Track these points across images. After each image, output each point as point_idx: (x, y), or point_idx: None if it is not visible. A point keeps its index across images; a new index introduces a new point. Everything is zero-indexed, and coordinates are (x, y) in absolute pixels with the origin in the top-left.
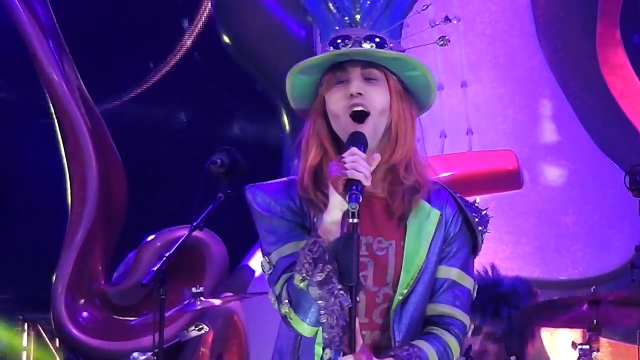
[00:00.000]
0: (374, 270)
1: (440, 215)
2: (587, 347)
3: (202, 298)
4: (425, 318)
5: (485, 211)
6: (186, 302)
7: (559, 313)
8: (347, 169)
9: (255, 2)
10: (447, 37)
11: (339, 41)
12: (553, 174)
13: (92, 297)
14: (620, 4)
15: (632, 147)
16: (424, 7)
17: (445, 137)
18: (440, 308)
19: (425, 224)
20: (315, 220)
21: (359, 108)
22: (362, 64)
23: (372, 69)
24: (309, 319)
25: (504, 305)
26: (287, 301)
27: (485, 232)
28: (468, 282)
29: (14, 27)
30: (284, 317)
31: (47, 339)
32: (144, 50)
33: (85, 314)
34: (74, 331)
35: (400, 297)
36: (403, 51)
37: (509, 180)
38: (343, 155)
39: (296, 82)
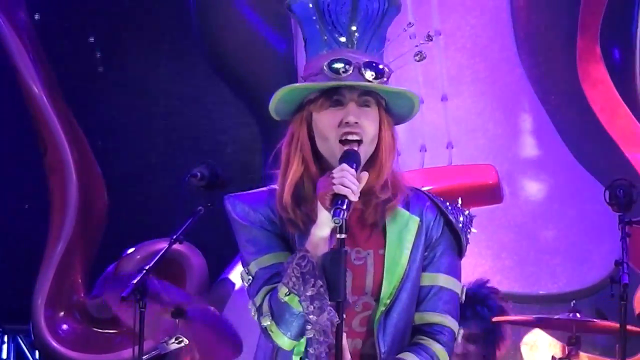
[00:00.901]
0: (352, 280)
1: (420, 221)
2: None
3: None
4: (413, 327)
5: (467, 211)
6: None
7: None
8: (334, 184)
9: (237, 14)
10: (424, 53)
11: (338, 66)
12: (533, 188)
13: (72, 310)
14: (600, 18)
15: (612, 162)
16: (409, 25)
17: (426, 151)
18: (429, 317)
19: (405, 231)
20: (295, 237)
21: (355, 137)
22: (359, 91)
23: (369, 97)
24: (291, 332)
25: (481, 306)
26: (268, 314)
27: (469, 232)
28: (456, 286)
29: None
30: (264, 330)
31: (26, 351)
32: (126, 60)
33: (65, 326)
34: (54, 343)
35: (384, 308)
36: (391, 73)
37: (489, 194)
38: (332, 171)
39: (281, 94)
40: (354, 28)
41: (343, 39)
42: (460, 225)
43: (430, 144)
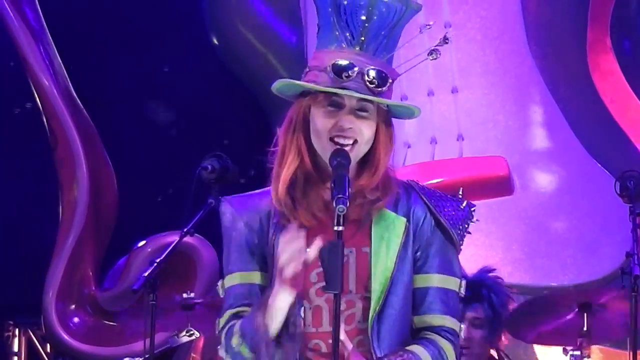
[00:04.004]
0: None
1: (407, 222)
2: (579, 353)
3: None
4: (414, 330)
5: (465, 202)
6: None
7: (547, 317)
8: (286, 270)
9: (246, 5)
10: (438, 51)
11: (342, 68)
12: (543, 180)
13: (83, 303)
14: (610, 10)
15: (622, 153)
16: (427, 27)
17: (436, 143)
18: (429, 319)
19: (391, 232)
20: (274, 234)
21: (346, 141)
22: (358, 98)
23: (368, 103)
24: None
25: (482, 288)
26: (224, 348)
27: (468, 224)
28: (453, 284)
29: (4, 31)
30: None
31: (38, 344)
32: (137, 55)
33: (76, 319)
34: (65, 336)
35: (374, 313)
36: (397, 78)
37: (500, 186)
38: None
39: (281, 86)
40: (366, 30)
41: (353, 39)
42: (452, 220)
43: (441, 136)
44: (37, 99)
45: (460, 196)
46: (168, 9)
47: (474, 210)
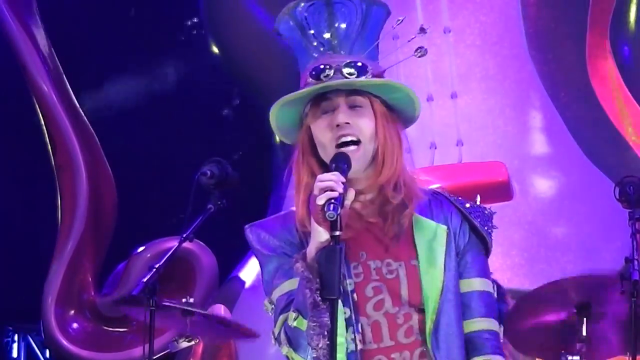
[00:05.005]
0: (388, 292)
1: (448, 229)
2: (577, 358)
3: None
4: (465, 337)
5: (488, 209)
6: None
7: (545, 313)
8: (317, 197)
9: (246, 12)
10: (424, 48)
11: (318, 71)
12: (543, 185)
13: (82, 308)
14: (610, 15)
15: (622, 159)
16: (398, 21)
17: (435, 148)
18: (477, 324)
19: (434, 241)
20: None
21: (349, 138)
22: (346, 92)
23: (356, 96)
24: (310, 356)
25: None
26: (285, 342)
27: (492, 230)
28: (489, 286)
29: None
30: (286, 357)
31: (37, 349)
32: (136, 63)
33: (75, 325)
34: (64, 342)
35: (431, 323)
36: (383, 72)
37: (499, 191)
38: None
39: (280, 114)
40: (334, 34)
41: (324, 47)
42: (483, 225)
43: (440, 141)
44: (36, 105)
45: (479, 203)
46: (169, 14)
47: (493, 216)
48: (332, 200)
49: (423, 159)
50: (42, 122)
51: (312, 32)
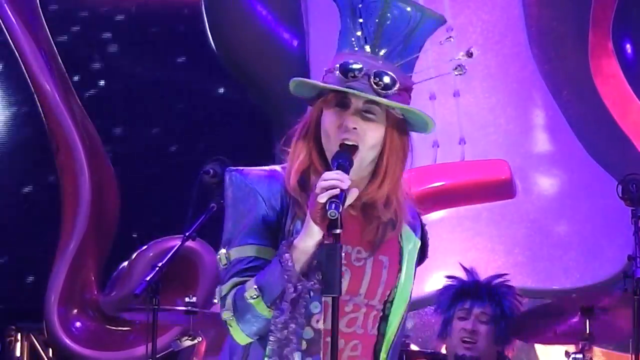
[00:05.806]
0: (349, 279)
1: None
2: (581, 356)
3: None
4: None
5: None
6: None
7: (551, 321)
8: (318, 195)
9: (248, 11)
10: (464, 66)
11: (348, 69)
12: (545, 183)
13: (85, 307)
14: (612, 13)
15: (624, 157)
16: (448, 38)
17: (438, 146)
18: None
19: (413, 253)
20: (291, 223)
21: (350, 142)
22: (365, 99)
23: (375, 105)
24: (249, 331)
25: (493, 289)
26: (231, 309)
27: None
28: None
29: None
30: (224, 322)
31: (40, 349)
32: (139, 58)
33: (78, 324)
34: (67, 341)
35: (394, 336)
36: (411, 86)
37: (502, 189)
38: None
39: (295, 86)
40: (379, 33)
41: (365, 42)
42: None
43: (443, 139)
44: (38, 103)
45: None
46: (169, 16)
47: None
48: (334, 199)
49: (425, 157)
50: (45, 122)
51: (360, 20)
